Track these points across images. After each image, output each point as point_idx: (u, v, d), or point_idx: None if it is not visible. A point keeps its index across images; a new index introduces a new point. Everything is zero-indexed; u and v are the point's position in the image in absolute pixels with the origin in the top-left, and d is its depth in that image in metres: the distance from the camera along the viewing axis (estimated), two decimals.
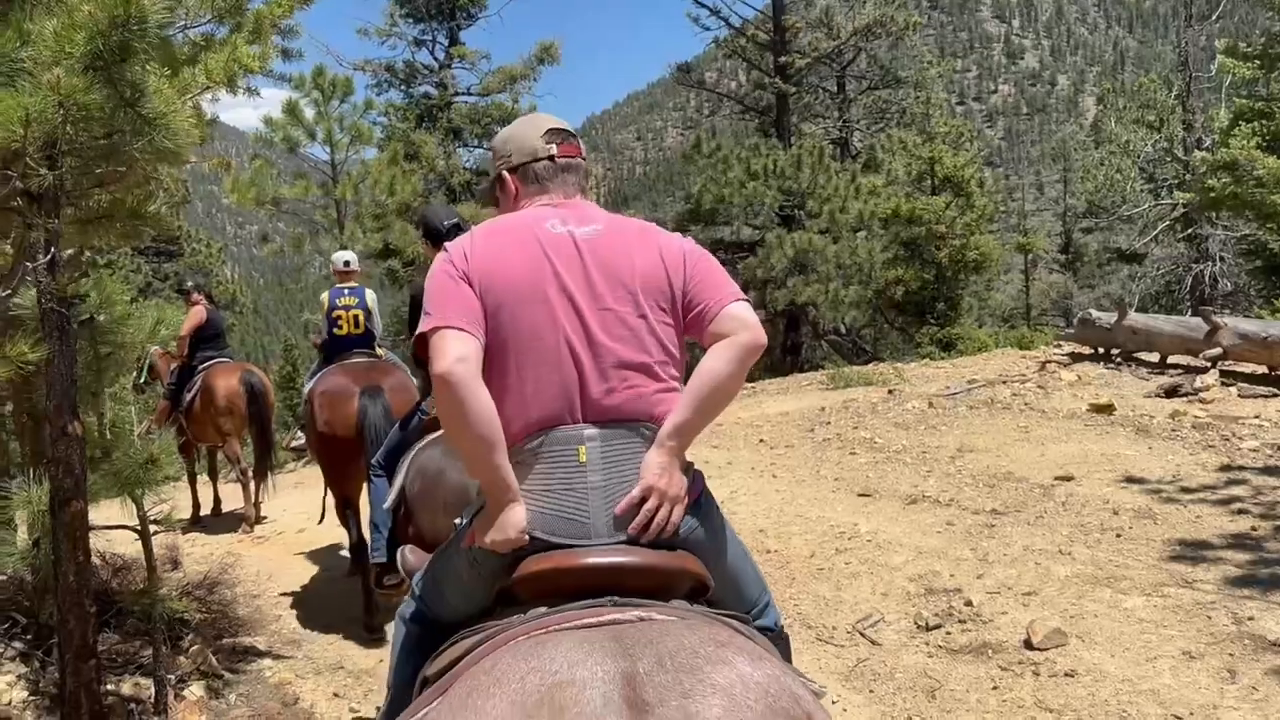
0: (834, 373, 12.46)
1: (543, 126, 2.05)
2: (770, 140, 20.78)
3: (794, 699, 1.36)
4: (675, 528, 1.75)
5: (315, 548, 7.64)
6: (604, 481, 1.72)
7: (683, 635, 1.42)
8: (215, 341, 8.75)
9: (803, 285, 17.73)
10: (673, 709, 1.25)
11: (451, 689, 1.44)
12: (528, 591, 1.70)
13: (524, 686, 1.31)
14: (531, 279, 1.79)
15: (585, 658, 1.35)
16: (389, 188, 14.61)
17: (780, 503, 7.18)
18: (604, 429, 1.75)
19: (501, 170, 2.06)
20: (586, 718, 1.24)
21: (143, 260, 34.98)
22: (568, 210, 1.92)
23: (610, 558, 1.67)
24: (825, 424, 9.70)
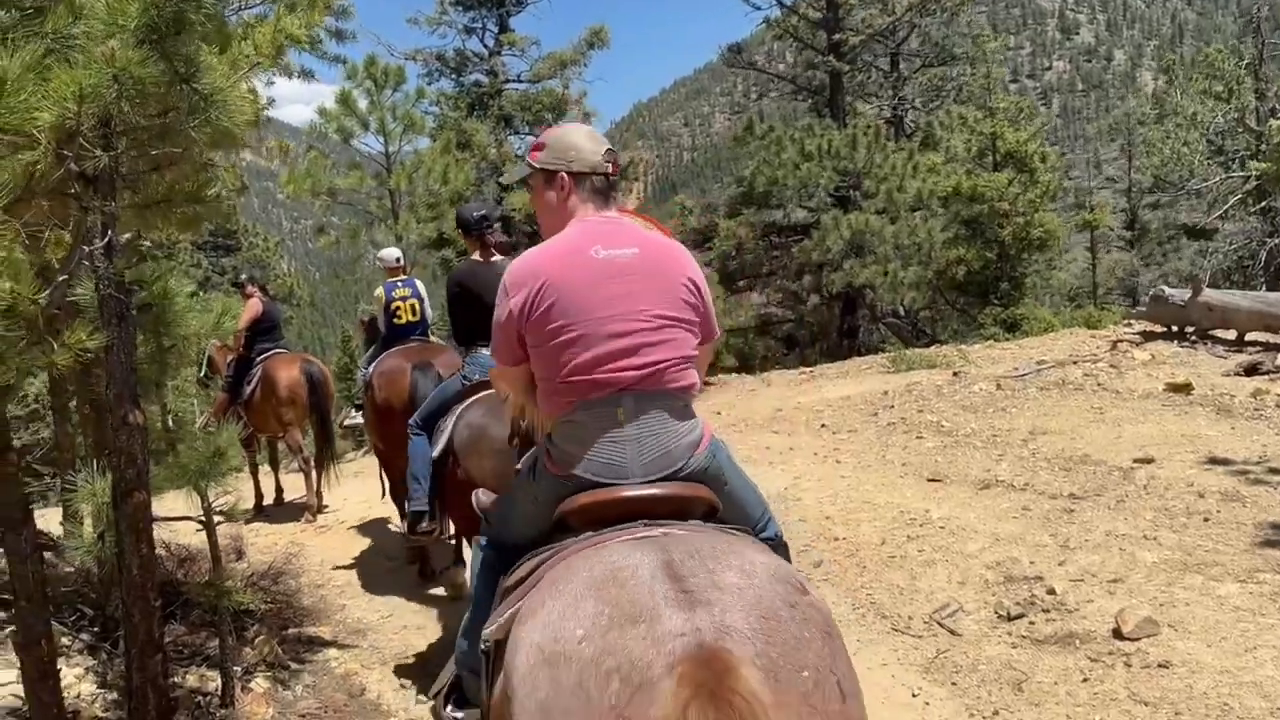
0: (895, 355, 12.17)
1: (602, 145, 2.45)
2: (824, 120, 20.40)
3: (789, 573, 1.87)
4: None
5: (378, 536, 7.63)
6: (636, 434, 2.19)
7: (705, 539, 1.94)
8: (272, 333, 8.81)
9: (860, 267, 17.38)
10: (701, 578, 1.74)
11: (536, 585, 1.94)
12: (577, 520, 2.16)
13: (592, 573, 1.81)
14: (582, 295, 2.21)
15: (633, 552, 1.84)
16: (442, 176, 14.59)
17: (846, 488, 6.98)
18: (637, 396, 2.20)
19: (561, 170, 2.41)
20: (639, 584, 1.73)
21: (202, 255, 35.69)
22: (609, 230, 2.32)
23: (639, 490, 2.14)
24: (889, 408, 9.46)
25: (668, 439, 2.20)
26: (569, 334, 2.19)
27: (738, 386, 13.01)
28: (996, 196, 16.58)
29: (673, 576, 1.73)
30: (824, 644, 1.73)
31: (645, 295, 2.24)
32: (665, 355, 2.22)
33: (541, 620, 1.76)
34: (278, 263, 40.37)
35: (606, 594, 1.73)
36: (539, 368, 2.29)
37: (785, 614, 1.72)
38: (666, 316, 2.24)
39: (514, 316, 2.26)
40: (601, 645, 1.64)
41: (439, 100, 19.49)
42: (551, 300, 2.20)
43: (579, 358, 2.19)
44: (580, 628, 1.68)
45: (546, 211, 2.47)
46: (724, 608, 1.67)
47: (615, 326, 2.19)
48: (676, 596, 1.68)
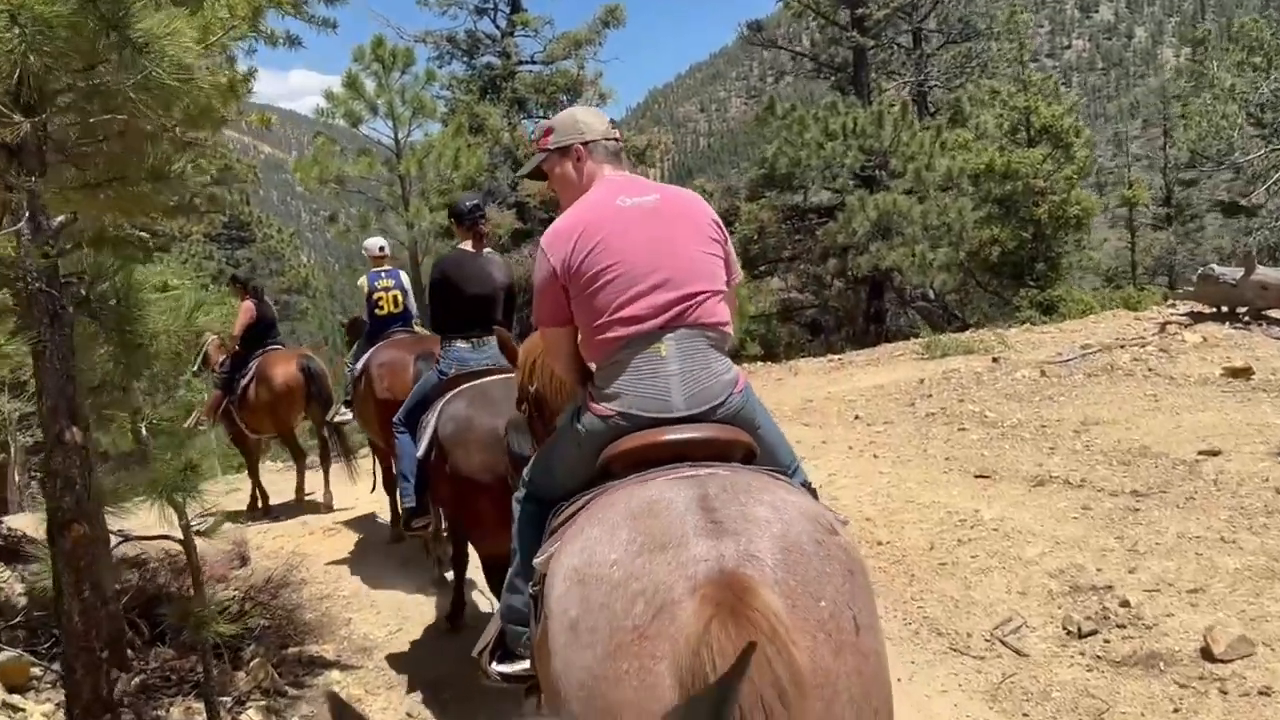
0: (929, 341, 11.68)
1: (605, 119, 2.64)
2: (848, 98, 19.86)
3: (819, 512, 1.91)
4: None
5: (387, 541, 7.26)
6: (680, 369, 2.23)
7: (740, 476, 1.99)
8: (268, 333, 8.63)
9: (887, 249, 16.84)
10: (732, 510, 1.79)
11: (580, 517, 2.04)
12: (621, 464, 2.20)
13: (630, 504, 1.90)
14: (616, 241, 2.29)
15: (670, 487, 1.92)
16: (454, 161, 14.16)
17: (886, 486, 6.55)
18: (678, 334, 2.25)
19: (575, 144, 2.56)
20: (672, 515, 1.80)
21: (215, 247, 35.52)
22: (629, 184, 2.46)
23: (682, 434, 2.17)
24: (926, 397, 9.00)
25: (707, 375, 2.25)
26: (610, 274, 2.26)
27: (763, 375, 12.56)
28: (1031, 173, 15.97)
29: (705, 509, 1.80)
30: (844, 580, 1.75)
31: (674, 235, 2.33)
32: (701, 287, 2.29)
33: (580, 545, 1.88)
34: (293, 254, 40.21)
35: (641, 524, 1.81)
36: (581, 315, 2.35)
37: (810, 549, 1.76)
38: (698, 251, 2.34)
39: (555, 273, 2.34)
40: (630, 569, 1.72)
41: (450, 84, 19.06)
42: (591, 245, 2.29)
43: (620, 297, 2.26)
44: (614, 553, 1.78)
45: (567, 187, 2.59)
46: (750, 537, 1.73)
47: (651, 264, 2.27)
48: (705, 526, 1.75)
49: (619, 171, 2.56)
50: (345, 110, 13.35)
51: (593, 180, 2.53)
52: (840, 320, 20.52)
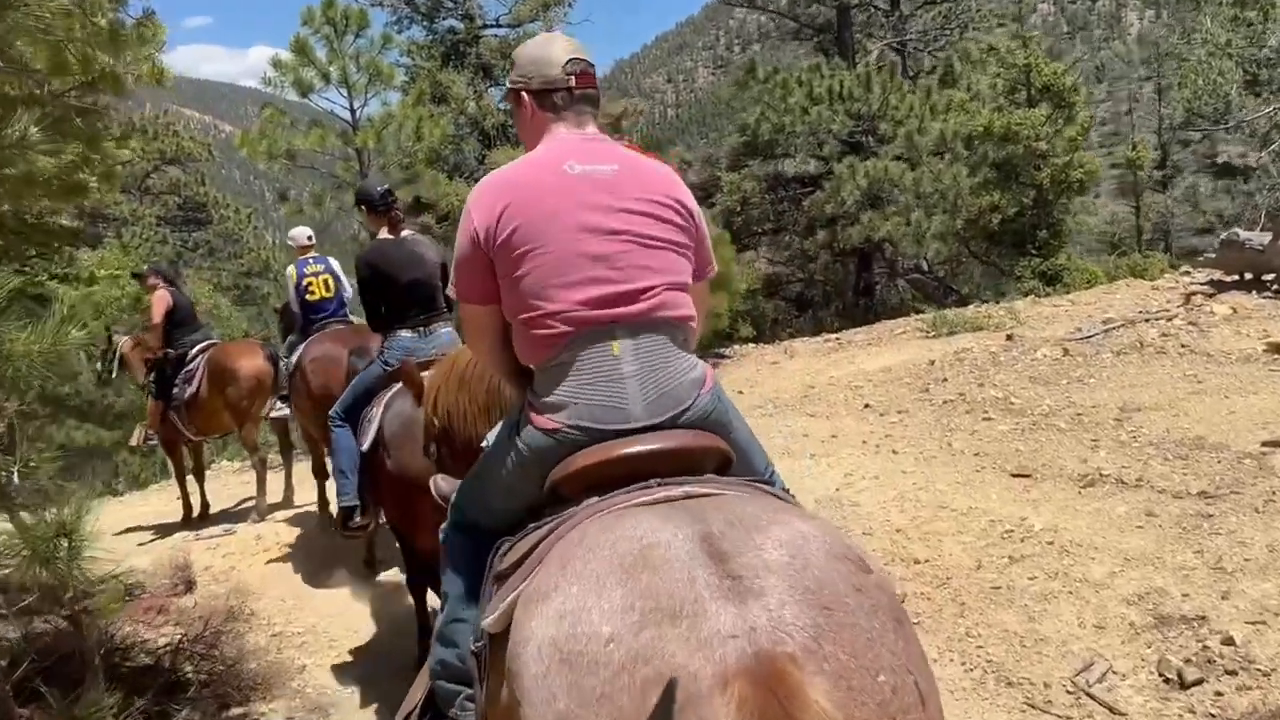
0: (934, 317, 11.02)
1: (563, 56, 2.15)
2: (832, 60, 19.10)
3: (846, 546, 1.59)
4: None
5: (350, 558, 6.54)
6: (637, 369, 1.93)
7: (743, 503, 1.68)
8: (190, 324, 8.09)
9: (879, 219, 16.16)
10: (750, 557, 1.47)
11: (543, 564, 1.66)
12: (574, 485, 1.88)
13: (617, 550, 1.52)
14: (555, 214, 1.94)
15: (664, 524, 1.56)
16: (415, 133, 13.27)
17: (912, 489, 5.88)
18: (632, 327, 1.94)
19: (520, 90, 2.18)
20: (678, 568, 1.45)
21: (169, 230, 34.36)
22: (585, 147, 2.07)
23: (646, 445, 1.87)
24: (941, 381, 8.34)
25: (669, 375, 1.97)
26: (539, 256, 1.95)
27: (756, 358, 11.87)
28: (1033, 135, 15.32)
29: (714, 555, 1.49)
30: (896, 636, 1.46)
31: (630, 215, 1.99)
32: (658, 280, 1.98)
33: (556, 609, 1.50)
34: (253, 236, 39.09)
35: (637, 580, 1.47)
36: (508, 299, 2.03)
37: (851, 601, 1.46)
38: (654, 237, 2.00)
39: (478, 239, 2.02)
40: (634, 648, 1.38)
41: (410, 50, 18.07)
42: (521, 216, 1.97)
43: (555, 284, 1.94)
44: (607, 624, 1.43)
45: (521, 127, 2.26)
46: (780, 597, 1.42)
47: (596, 247, 1.94)
48: (721, 584, 1.44)
49: (576, 129, 2.14)
50: (294, 78, 12.40)
51: (542, 131, 2.16)
52: (828, 295, 19.87)
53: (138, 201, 33.70)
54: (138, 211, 32.67)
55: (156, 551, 7.89)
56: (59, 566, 2.33)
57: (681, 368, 1.98)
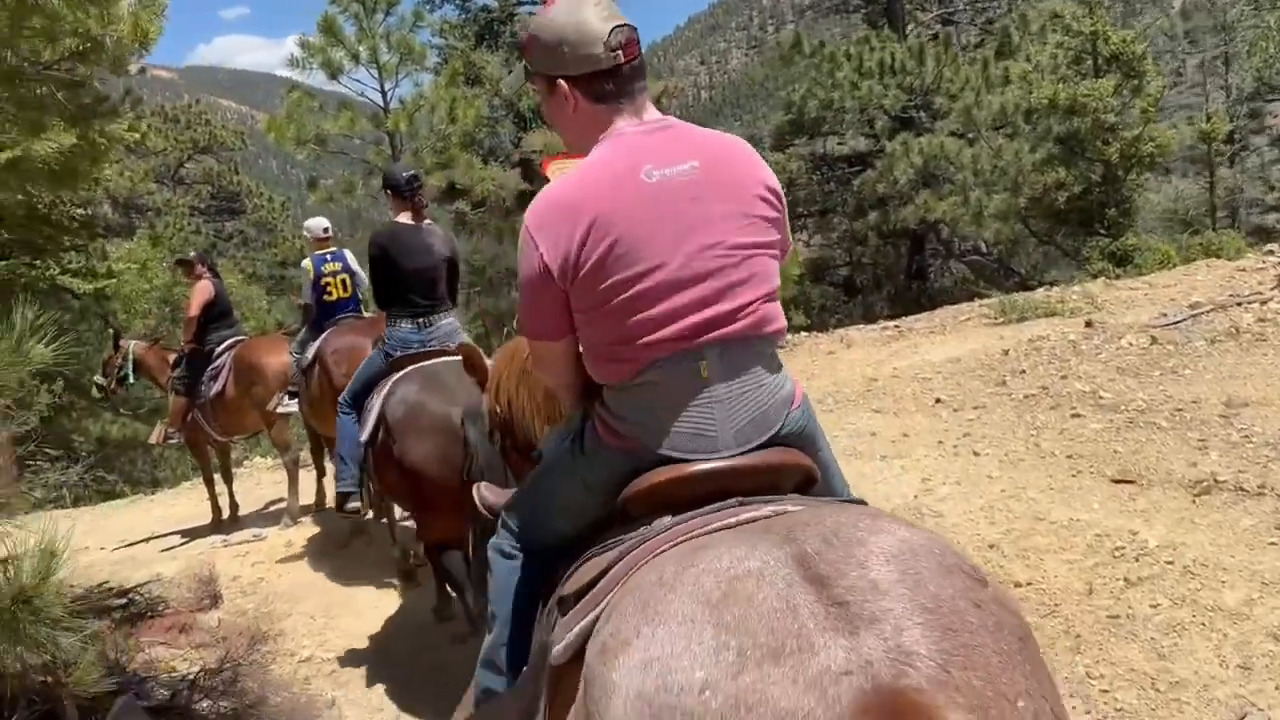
0: (1002, 302, 10.42)
1: (603, 26, 1.81)
2: (882, 32, 18.40)
3: (959, 557, 1.42)
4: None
5: (383, 567, 6.17)
6: (727, 395, 1.79)
7: (835, 516, 1.48)
8: (226, 318, 7.96)
9: (935, 199, 15.49)
10: (854, 578, 1.31)
11: (615, 601, 1.51)
12: (646, 505, 1.77)
13: (701, 586, 1.36)
14: (642, 236, 1.75)
15: (750, 551, 1.40)
16: (448, 115, 12.84)
17: (1001, 497, 5.36)
18: (723, 348, 1.79)
19: (557, 76, 1.87)
20: (775, 599, 1.29)
21: (202, 220, 34.36)
22: (655, 141, 1.83)
23: (724, 462, 1.76)
24: (1019, 373, 7.77)
25: (762, 396, 1.82)
26: (638, 285, 1.74)
27: (811, 348, 11.33)
28: (1102, 108, 14.54)
29: (814, 580, 1.32)
30: (1024, 657, 1.28)
31: (721, 220, 1.79)
32: (755, 293, 1.80)
33: (640, 658, 1.32)
34: (286, 225, 39.03)
35: (729, 616, 1.29)
36: (594, 331, 1.83)
37: (974, 620, 1.28)
38: (748, 245, 1.81)
39: (550, 273, 1.77)
40: (734, 694, 1.22)
41: (442, 29, 17.63)
42: (609, 241, 1.73)
43: (652, 313, 1.75)
44: (700, 669, 1.25)
45: (563, 122, 1.94)
46: (895, 622, 1.24)
47: (694, 267, 1.75)
48: (827, 612, 1.27)
49: (636, 118, 1.87)
50: (323, 59, 12.02)
51: (595, 126, 1.88)
52: (878, 279, 19.24)
53: (171, 191, 33.77)
54: (171, 201, 32.70)
55: (184, 557, 7.61)
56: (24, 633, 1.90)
57: (771, 386, 1.85)
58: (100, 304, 12.72)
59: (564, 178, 1.85)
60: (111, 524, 10.56)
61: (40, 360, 2.03)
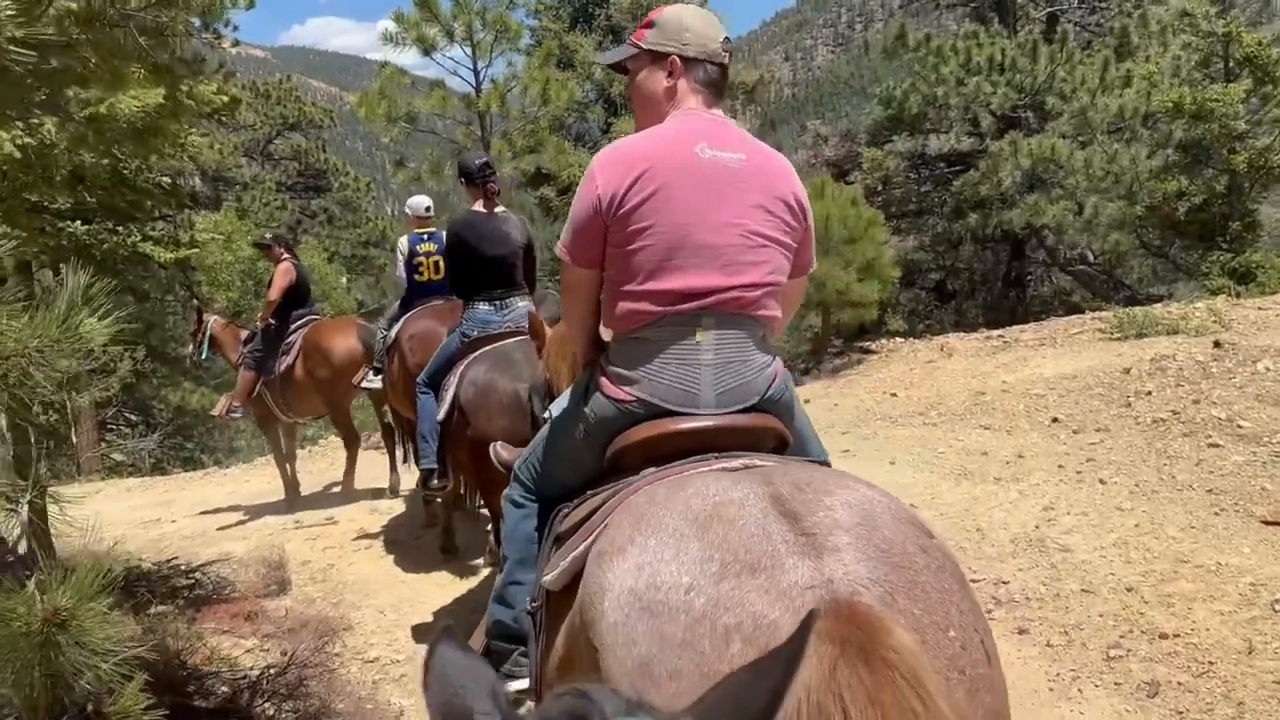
0: (1120, 316, 9.79)
1: (719, 32, 2.19)
2: (991, 28, 17.66)
3: (909, 512, 1.65)
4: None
5: (459, 569, 5.93)
6: (714, 360, 1.99)
7: (806, 470, 1.74)
8: (305, 300, 8.08)
9: (1045, 203, 14.75)
10: (820, 517, 1.53)
11: (612, 521, 1.71)
12: (634, 457, 1.97)
13: (690, 506, 1.58)
14: (680, 196, 1.96)
15: (733, 485, 1.62)
16: (541, 96, 12.59)
17: (1135, 533, 4.88)
18: (720, 317, 1.99)
19: (673, 53, 2.16)
20: (753, 524, 1.51)
21: (288, 196, 34.83)
22: (716, 129, 2.08)
23: (706, 422, 1.95)
24: (1143, 394, 7.21)
25: (747, 370, 2.03)
26: (659, 235, 1.97)
27: (907, 355, 10.84)
28: (1231, 114, 13.69)
29: (786, 515, 1.54)
30: (963, 596, 1.50)
31: (751, 208, 2.03)
32: (757, 278, 2.02)
33: (634, 561, 1.54)
34: (371, 205, 39.45)
35: (714, 534, 1.51)
36: (613, 268, 2.07)
37: (920, 561, 1.51)
38: (765, 236, 2.04)
39: (599, 205, 2.01)
40: (714, 596, 1.43)
41: (538, 10, 17.42)
42: (651, 190, 1.97)
43: (663, 264, 1.98)
44: (686, 574, 1.48)
45: (647, 103, 2.22)
46: (853, 554, 1.47)
47: (710, 237, 1.98)
48: (796, 540, 1.49)
49: (705, 109, 2.17)
50: (417, 34, 11.85)
51: (675, 98, 2.17)
52: (973, 284, 18.50)
53: (259, 166, 34.32)
54: (259, 176, 33.21)
55: (255, 537, 7.50)
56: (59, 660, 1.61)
57: (757, 362, 2.04)
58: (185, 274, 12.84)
59: (636, 135, 2.12)
60: (186, 495, 10.59)
61: (93, 335, 1.74)
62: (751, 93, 17.46)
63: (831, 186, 11.38)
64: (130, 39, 2.66)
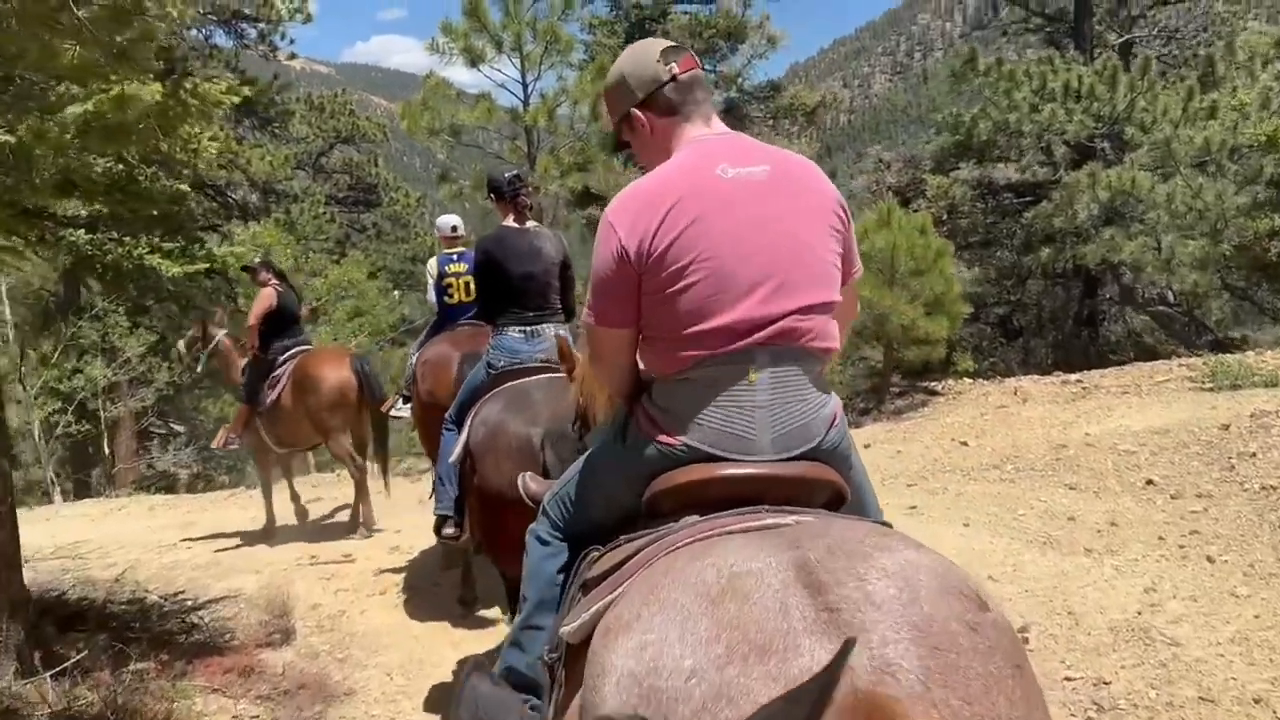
0: (1212, 365, 9.04)
1: (654, 50, 2.07)
2: (1066, 54, 16.97)
3: (961, 580, 1.42)
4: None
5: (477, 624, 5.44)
6: (770, 400, 1.83)
7: (845, 530, 1.55)
8: (290, 328, 7.90)
9: (1125, 239, 13.97)
10: (850, 589, 1.34)
11: (625, 588, 1.61)
12: (674, 502, 1.84)
13: (703, 579, 1.43)
14: (713, 227, 1.83)
15: (757, 551, 1.46)
16: (592, 111, 12.15)
17: (1257, 626, 4.23)
18: (774, 353, 1.84)
19: (629, 110, 2.08)
20: (769, 599, 1.34)
21: (337, 209, 34.89)
22: (730, 145, 1.96)
23: (753, 469, 1.81)
24: (1246, 456, 6.49)
25: (805, 409, 1.87)
26: (702, 269, 1.82)
27: (977, 398, 10.15)
28: None
29: (810, 586, 1.36)
30: (1016, 683, 1.28)
31: (788, 222, 1.87)
32: (816, 298, 1.87)
33: (637, 640, 1.41)
34: (419, 221, 39.48)
35: (724, 611, 1.36)
36: (656, 318, 1.90)
37: (965, 641, 1.30)
38: (815, 246, 1.90)
39: (626, 256, 1.86)
40: (717, 684, 1.28)
41: (591, 25, 17.06)
42: (684, 225, 1.83)
43: (710, 301, 1.82)
44: (689, 657, 1.33)
45: (647, 153, 2.11)
46: (883, 635, 1.28)
47: (755, 261, 1.82)
48: (817, 617, 1.31)
49: (706, 126, 2.03)
50: (464, 45, 11.47)
51: (671, 139, 2.03)
52: (1041, 321, 17.70)
53: (310, 178, 34.43)
54: (310, 189, 33.29)
55: (268, 572, 7.09)
56: None
57: (814, 402, 1.90)
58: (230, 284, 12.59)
59: (644, 176, 1.96)
60: (208, 517, 10.28)
61: None
62: (812, 115, 16.93)
63: (899, 214, 10.78)
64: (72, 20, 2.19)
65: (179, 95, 3.98)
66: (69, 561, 8.06)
